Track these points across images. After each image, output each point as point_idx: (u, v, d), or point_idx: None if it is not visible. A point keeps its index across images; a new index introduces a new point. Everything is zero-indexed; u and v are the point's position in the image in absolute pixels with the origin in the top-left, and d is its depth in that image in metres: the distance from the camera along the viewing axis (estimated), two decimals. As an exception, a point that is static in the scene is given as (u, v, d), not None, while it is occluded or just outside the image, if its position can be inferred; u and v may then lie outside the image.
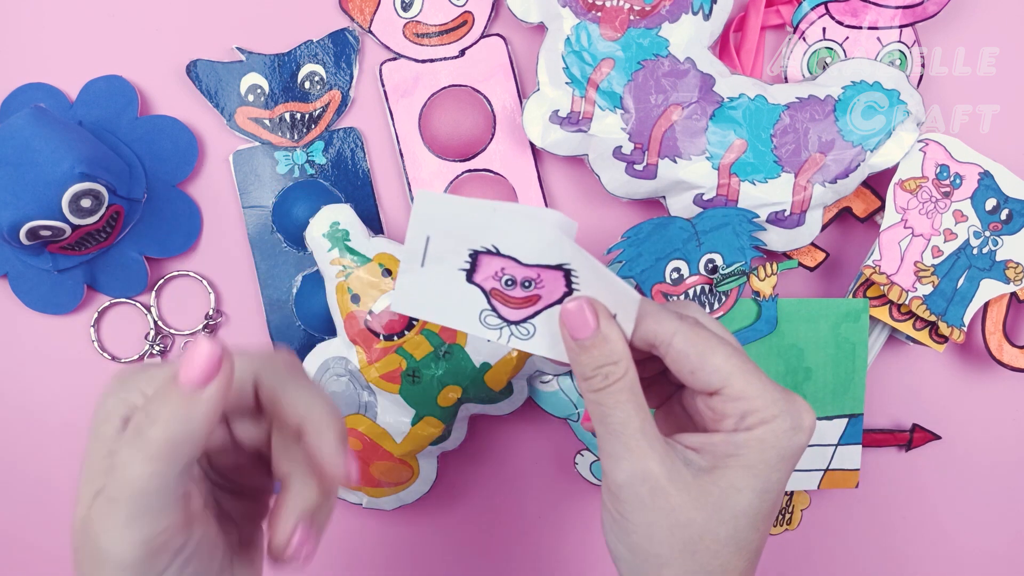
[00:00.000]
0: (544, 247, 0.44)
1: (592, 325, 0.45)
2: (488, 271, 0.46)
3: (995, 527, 0.73)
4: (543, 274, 0.45)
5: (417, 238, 0.45)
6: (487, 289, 0.47)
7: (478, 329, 0.48)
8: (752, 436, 0.45)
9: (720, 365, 0.45)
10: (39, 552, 0.70)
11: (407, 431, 0.65)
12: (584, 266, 0.45)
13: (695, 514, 0.45)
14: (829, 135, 0.61)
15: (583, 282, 0.46)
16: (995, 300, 0.66)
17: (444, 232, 0.45)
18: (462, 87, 0.66)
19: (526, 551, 0.72)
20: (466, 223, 0.44)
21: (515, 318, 0.47)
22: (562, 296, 0.46)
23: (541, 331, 0.48)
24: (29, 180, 0.58)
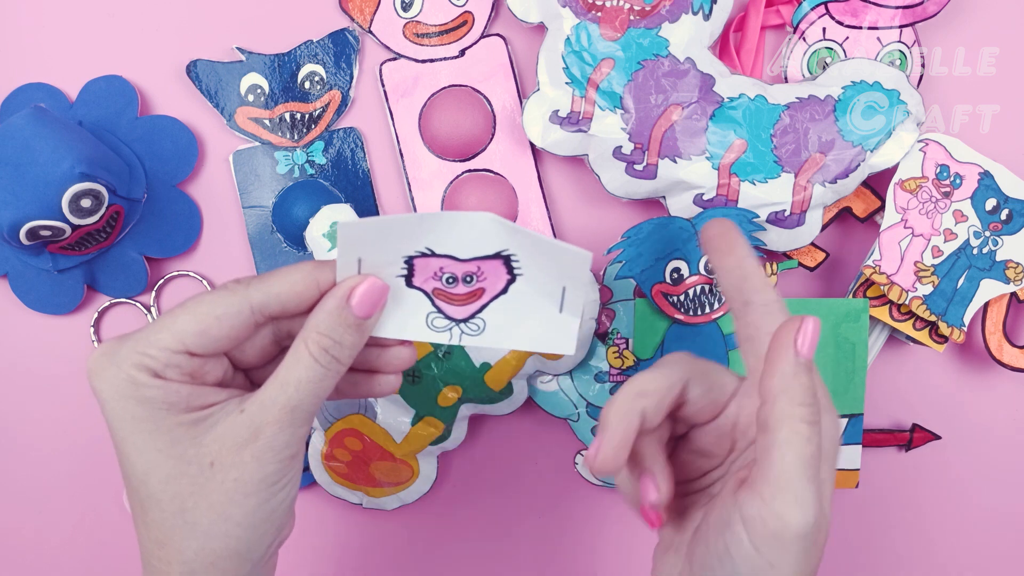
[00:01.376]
0: (479, 238, 0.44)
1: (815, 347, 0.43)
2: (426, 272, 0.46)
3: (995, 527, 0.73)
4: (483, 266, 0.45)
5: (348, 264, 0.45)
6: (429, 290, 0.46)
7: (427, 334, 0.47)
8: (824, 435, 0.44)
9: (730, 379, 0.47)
10: (39, 552, 0.70)
11: (407, 431, 0.65)
12: (523, 246, 0.44)
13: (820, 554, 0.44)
14: (829, 135, 0.61)
15: (525, 264, 0.45)
16: (995, 300, 0.66)
17: (373, 249, 0.44)
18: (462, 87, 0.66)
19: (526, 551, 0.72)
20: (395, 236, 0.44)
21: (462, 316, 0.47)
22: (506, 284, 0.46)
23: (491, 324, 0.47)
24: (29, 180, 0.58)
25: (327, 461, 0.66)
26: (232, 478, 0.43)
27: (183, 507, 0.44)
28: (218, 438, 0.44)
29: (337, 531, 0.71)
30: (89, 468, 0.69)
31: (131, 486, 0.45)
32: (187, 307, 0.44)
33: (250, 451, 0.43)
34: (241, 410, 0.44)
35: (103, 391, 0.44)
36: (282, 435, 0.44)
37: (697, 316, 0.63)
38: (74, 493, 0.70)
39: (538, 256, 0.45)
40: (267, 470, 0.44)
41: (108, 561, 0.70)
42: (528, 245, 0.44)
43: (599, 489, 0.70)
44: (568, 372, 0.66)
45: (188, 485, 0.43)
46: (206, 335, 0.44)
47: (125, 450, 0.44)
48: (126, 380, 0.43)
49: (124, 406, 0.43)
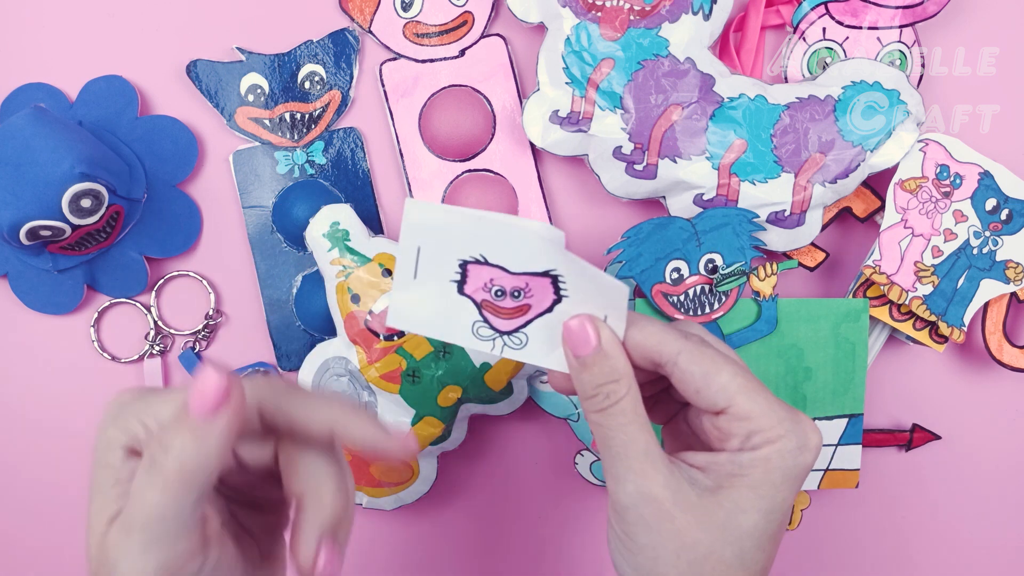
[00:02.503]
0: (530, 254, 0.45)
1: (593, 342, 0.45)
2: (478, 282, 0.46)
3: (995, 527, 0.73)
4: (531, 282, 0.46)
5: (408, 249, 0.45)
6: (478, 301, 0.47)
7: (471, 341, 0.48)
8: (757, 456, 0.45)
9: (725, 384, 0.45)
10: (39, 553, 0.70)
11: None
12: (571, 270, 0.45)
13: (700, 535, 0.45)
14: (829, 135, 0.61)
15: (571, 287, 0.46)
16: (995, 300, 0.66)
17: (433, 242, 0.45)
18: (462, 87, 0.66)
19: (526, 551, 0.72)
20: (454, 231, 0.45)
21: (507, 328, 0.48)
22: (552, 304, 0.46)
23: (534, 340, 0.48)
24: (29, 180, 0.58)
25: (327, 461, 0.66)
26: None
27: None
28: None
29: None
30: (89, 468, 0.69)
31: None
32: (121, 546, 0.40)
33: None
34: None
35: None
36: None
37: (697, 316, 0.63)
38: (74, 493, 0.70)
39: (583, 284, 0.45)
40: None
41: (108, 561, 0.71)
42: (575, 269, 0.45)
43: (599, 489, 0.71)
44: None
45: None
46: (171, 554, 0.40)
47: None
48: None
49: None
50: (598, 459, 0.68)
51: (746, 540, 0.45)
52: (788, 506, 0.46)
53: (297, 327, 0.67)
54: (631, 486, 0.45)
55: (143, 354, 0.68)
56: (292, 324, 0.67)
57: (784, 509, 0.46)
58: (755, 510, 0.45)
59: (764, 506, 0.45)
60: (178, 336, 0.68)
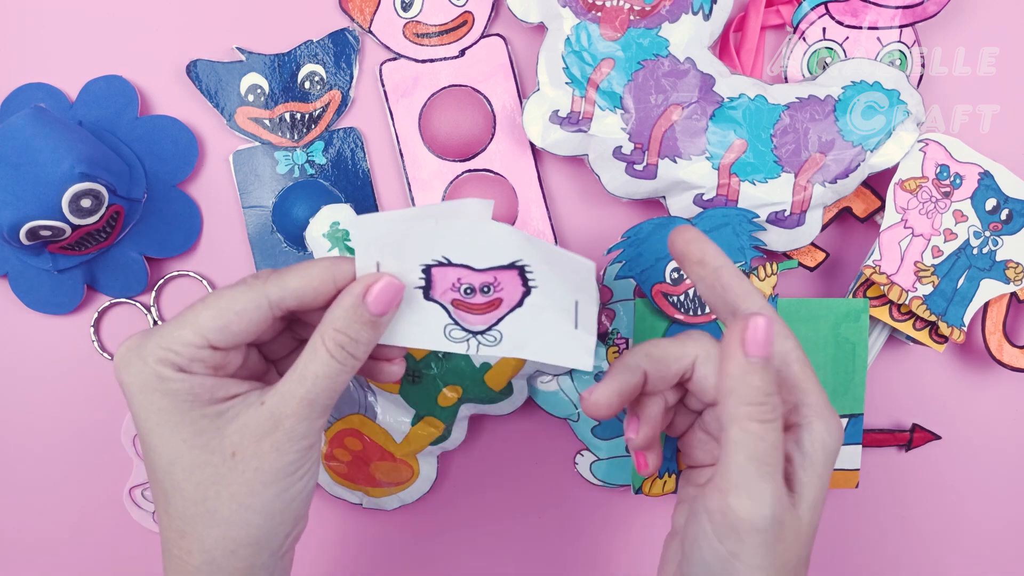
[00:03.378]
0: (493, 247, 0.45)
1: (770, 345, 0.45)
2: (445, 283, 0.46)
3: (996, 527, 0.73)
4: (499, 276, 0.46)
5: (367, 267, 0.46)
6: (448, 302, 0.47)
7: (445, 344, 0.48)
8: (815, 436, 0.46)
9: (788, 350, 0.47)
10: (39, 552, 0.70)
11: (407, 431, 0.65)
12: (535, 255, 0.45)
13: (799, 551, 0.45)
14: (829, 135, 0.61)
15: (539, 276, 0.46)
16: (995, 300, 0.66)
17: (391, 252, 0.45)
18: (462, 87, 0.66)
19: (526, 551, 0.72)
20: (410, 239, 0.45)
21: (480, 326, 0.48)
22: (521, 297, 0.47)
23: (508, 335, 0.48)
24: (29, 180, 0.58)
25: (327, 461, 0.66)
26: (253, 467, 0.45)
27: (205, 496, 0.45)
28: (240, 429, 0.45)
29: (337, 531, 0.71)
30: (89, 468, 0.69)
31: (155, 477, 0.46)
32: (208, 303, 0.45)
33: (270, 441, 0.45)
34: (262, 402, 0.45)
35: (130, 384, 0.45)
36: (300, 426, 0.45)
37: (697, 316, 0.63)
38: (74, 493, 0.70)
39: (549, 267, 0.45)
40: (286, 459, 0.45)
41: (108, 561, 0.71)
42: (539, 254, 0.45)
43: (599, 489, 0.71)
44: (568, 372, 0.66)
45: (210, 475, 0.45)
46: (226, 330, 0.45)
47: (151, 441, 0.45)
48: (152, 374, 0.44)
49: (150, 399, 0.45)
50: (598, 459, 0.68)
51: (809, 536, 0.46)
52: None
53: (297, 327, 0.67)
54: (769, 510, 0.43)
55: (143, 354, 0.68)
56: (292, 324, 0.68)
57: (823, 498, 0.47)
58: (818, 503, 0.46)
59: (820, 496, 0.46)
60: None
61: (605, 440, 0.67)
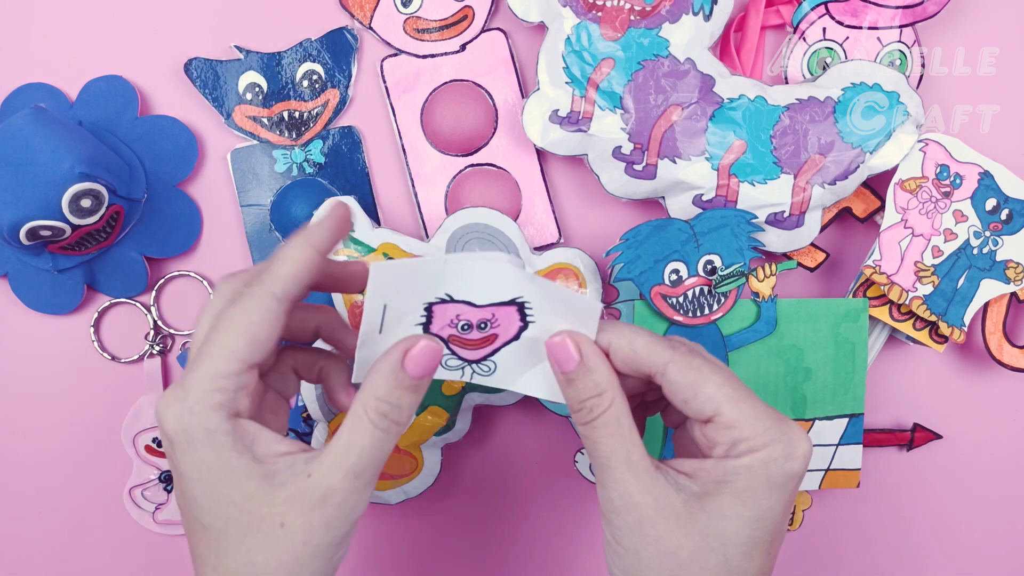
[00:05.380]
0: (496, 284, 0.45)
1: (576, 358, 0.47)
2: (443, 320, 0.47)
3: (996, 526, 0.73)
4: (497, 312, 0.46)
5: (375, 309, 0.46)
6: (445, 336, 0.47)
7: (440, 373, 0.49)
8: (740, 463, 0.45)
9: (712, 394, 0.46)
10: (39, 552, 0.70)
11: (411, 421, 0.65)
12: (536, 294, 0.45)
13: (683, 541, 0.45)
14: (829, 136, 0.61)
15: (537, 312, 0.46)
16: (995, 300, 0.66)
17: (399, 294, 0.45)
18: (463, 82, 0.66)
19: (527, 547, 0.72)
20: (420, 281, 0.45)
21: (474, 358, 0.49)
22: (518, 331, 0.47)
23: (502, 367, 0.49)
24: (29, 180, 0.58)
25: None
26: (302, 540, 0.45)
27: (254, 560, 0.45)
28: (288, 499, 0.45)
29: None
30: (89, 468, 0.69)
31: (206, 533, 0.46)
32: (222, 329, 0.45)
33: (319, 516, 0.45)
34: (308, 474, 0.45)
35: (179, 440, 0.44)
36: (349, 500, 0.45)
37: (696, 318, 0.63)
38: (74, 493, 0.70)
39: (549, 307, 0.46)
40: (335, 534, 0.46)
41: (108, 561, 0.71)
42: (542, 292, 0.45)
43: (598, 488, 0.71)
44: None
45: (261, 541, 0.45)
46: (255, 342, 0.45)
47: (203, 501, 0.45)
48: (200, 427, 0.44)
49: (201, 454, 0.44)
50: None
51: (730, 547, 0.46)
52: (777, 514, 0.46)
53: (297, 326, 0.68)
54: (614, 492, 0.46)
55: (143, 354, 0.68)
56: (292, 323, 0.68)
57: (773, 517, 0.46)
58: (738, 516, 0.45)
59: (748, 513, 0.45)
60: (178, 336, 0.68)
61: (605, 439, 0.67)
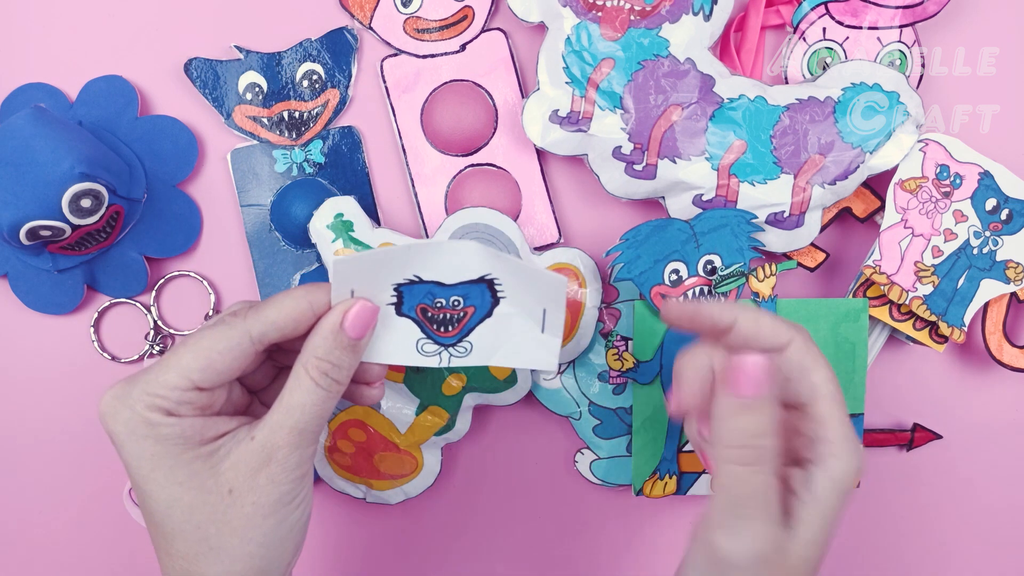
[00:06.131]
0: (462, 263, 0.47)
1: (763, 386, 0.45)
2: (414, 299, 0.48)
3: (997, 526, 0.73)
4: (468, 291, 0.48)
5: (342, 294, 0.47)
6: (417, 313, 0.49)
7: (417, 359, 0.50)
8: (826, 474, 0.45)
9: (818, 383, 0.46)
10: (39, 552, 0.70)
11: (411, 421, 0.65)
12: (506, 271, 0.47)
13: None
14: (828, 136, 0.61)
15: (508, 288, 0.48)
16: (995, 300, 0.66)
17: (366, 279, 0.47)
18: (463, 82, 0.66)
19: (528, 547, 0.72)
20: (385, 265, 0.47)
21: (450, 340, 0.49)
22: (491, 306, 0.48)
23: (478, 345, 0.50)
24: (29, 180, 0.58)
25: (330, 454, 0.66)
26: (250, 502, 0.46)
27: (206, 535, 0.46)
28: (233, 466, 0.46)
29: (340, 526, 0.72)
30: (89, 468, 0.69)
31: (154, 521, 0.47)
32: (189, 345, 0.46)
33: (264, 474, 0.46)
34: (252, 437, 0.46)
35: (119, 433, 0.46)
36: (292, 456, 0.46)
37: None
38: (74, 493, 0.70)
39: (518, 283, 0.47)
40: (281, 490, 0.46)
41: (108, 561, 0.71)
42: (510, 269, 0.46)
43: (598, 487, 0.71)
44: (571, 364, 0.65)
45: (209, 513, 0.46)
46: (210, 369, 0.46)
47: (147, 488, 0.47)
48: (141, 421, 0.46)
49: (142, 446, 0.46)
50: (597, 457, 0.68)
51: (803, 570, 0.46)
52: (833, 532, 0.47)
53: (296, 326, 0.68)
54: (749, 551, 0.44)
55: (143, 354, 0.68)
56: (292, 323, 0.68)
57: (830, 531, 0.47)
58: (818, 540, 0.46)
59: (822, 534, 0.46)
60: (178, 336, 0.68)
61: (606, 439, 0.67)
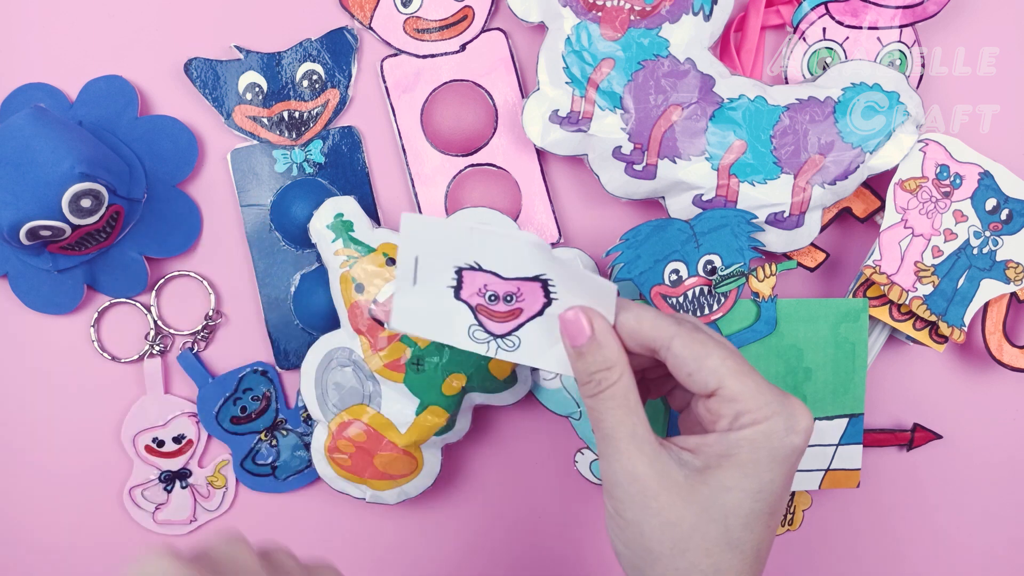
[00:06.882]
0: (521, 260, 0.47)
1: (587, 332, 0.48)
2: (472, 287, 0.49)
3: (996, 526, 0.73)
4: (522, 287, 0.48)
5: (407, 259, 0.49)
6: (473, 305, 0.50)
7: (467, 343, 0.51)
8: (743, 436, 0.46)
9: (716, 367, 0.47)
10: (40, 551, 0.70)
11: (411, 421, 0.65)
12: (560, 274, 0.48)
13: (684, 512, 0.47)
14: (828, 136, 0.61)
15: (560, 290, 0.48)
16: (995, 300, 0.66)
17: (430, 252, 0.48)
18: (463, 82, 0.66)
19: (528, 547, 0.72)
20: (449, 242, 0.48)
21: (500, 331, 0.50)
22: (542, 307, 0.49)
23: (526, 342, 0.51)
24: (29, 180, 0.58)
25: (331, 454, 0.66)
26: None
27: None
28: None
29: (340, 526, 0.72)
30: (89, 468, 0.69)
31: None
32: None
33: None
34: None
35: None
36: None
37: (696, 318, 0.63)
38: (74, 493, 0.70)
39: (572, 286, 0.48)
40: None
41: (108, 561, 0.71)
42: (564, 273, 0.48)
43: (598, 487, 0.71)
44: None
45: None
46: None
47: None
48: None
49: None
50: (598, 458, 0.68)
51: (731, 518, 0.47)
52: (778, 487, 0.47)
53: (295, 326, 0.68)
54: (617, 465, 0.48)
55: (143, 354, 0.68)
56: (290, 323, 0.68)
57: (774, 491, 0.47)
58: (739, 489, 0.46)
59: (749, 485, 0.46)
60: (178, 336, 0.68)
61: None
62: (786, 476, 0.48)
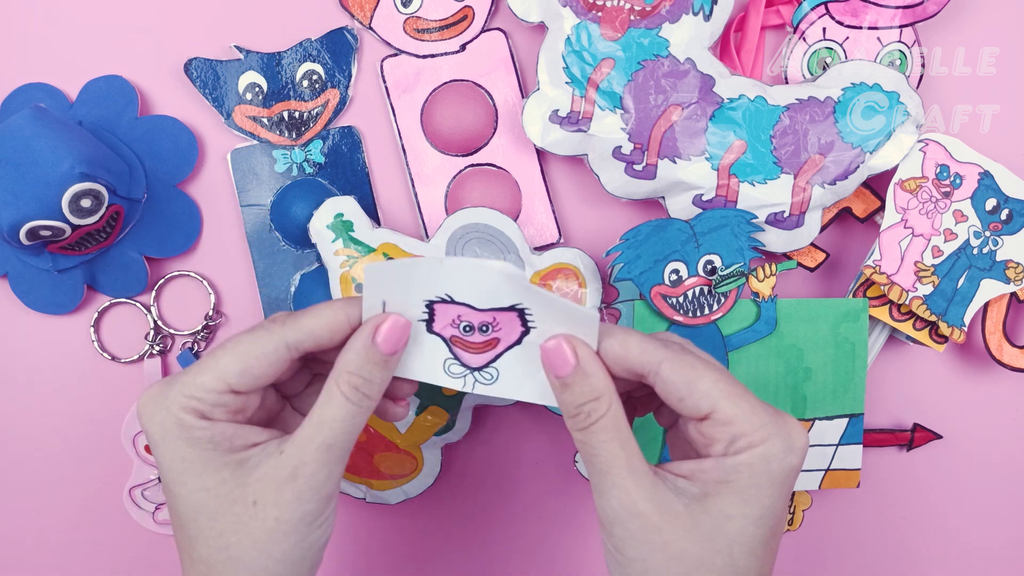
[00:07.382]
0: (494, 290, 0.46)
1: (571, 362, 0.46)
2: (445, 319, 0.47)
3: (996, 526, 0.73)
4: (499, 317, 0.47)
5: (373, 306, 0.47)
6: (447, 337, 0.48)
7: (443, 379, 0.49)
8: (741, 460, 0.45)
9: (708, 390, 0.45)
10: (40, 551, 0.70)
11: (411, 421, 0.65)
12: (536, 302, 0.46)
13: (688, 546, 0.45)
14: (828, 136, 0.61)
15: (538, 318, 0.46)
16: (995, 300, 0.66)
17: (398, 290, 0.47)
18: (463, 82, 0.66)
19: (527, 548, 0.72)
20: (418, 280, 0.46)
21: (477, 364, 0.49)
22: (520, 336, 0.47)
23: (505, 374, 0.49)
24: (29, 180, 0.58)
25: (330, 455, 0.66)
26: (273, 516, 0.46)
27: (227, 543, 0.46)
28: (261, 478, 0.46)
29: (340, 526, 0.71)
30: (89, 468, 0.69)
31: (180, 523, 0.47)
32: (227, 349, 0.47)
33: (291, 490, 0.46)
34: (281, 451, 0.46)
35: (154, 433, 0.47)
36: (320, 473, 0.46)
37: (696, 318, 0.63)
38: (74, 493, 0.70)
39: (549, 315, 0.46)
40: (306, 508, 0.46)
41: (108, 561, 0.71)
42: (541, 301, 0.46)
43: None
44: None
45: (232, 523, 0.46)
46: (247, 373, 0.46)
47: (175, 490, 0.47)
48: (175, 422, 0.46)
49: (174, 447, 0.46)
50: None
51: (735, 547, 0.45)
52: (779, 511, 0.46)
53: (296, 326, 0.68)
54: (616, 502, 0.46)
55: (143, 354, 0.68)
56: (291, 323, 0.68)
57: (775, 514, 0.46)
58: (741, 516, 0.45)
59: (751, 512, 0.45)
60: (178, 336, 0.68)
61: (605, 439, 0.67)
62: (786, 497, 0.47)
